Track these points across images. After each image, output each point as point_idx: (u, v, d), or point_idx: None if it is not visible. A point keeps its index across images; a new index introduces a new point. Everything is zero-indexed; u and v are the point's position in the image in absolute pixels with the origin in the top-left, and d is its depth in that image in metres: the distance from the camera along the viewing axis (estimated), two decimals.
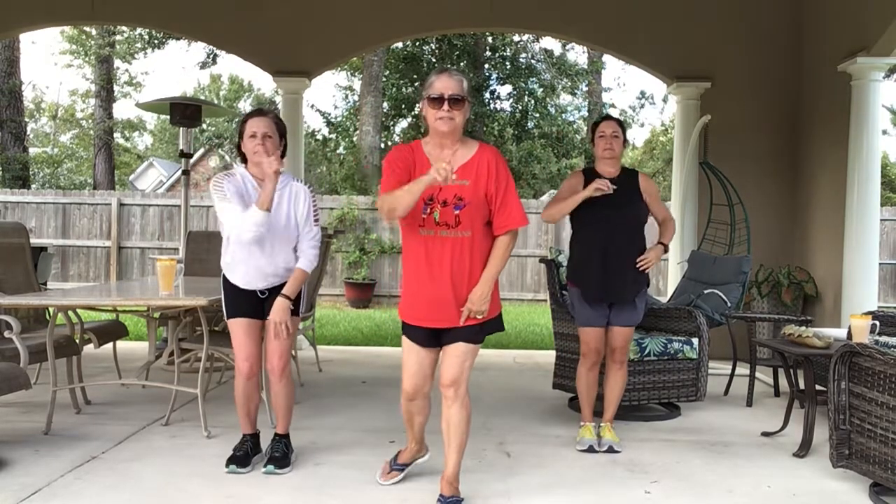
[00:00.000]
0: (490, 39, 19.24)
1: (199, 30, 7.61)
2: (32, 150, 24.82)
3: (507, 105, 20.26)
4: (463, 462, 3.18)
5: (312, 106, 19.69)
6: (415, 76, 18.62)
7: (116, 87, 24.05)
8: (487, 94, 19.63)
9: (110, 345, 5.22)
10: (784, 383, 5.20)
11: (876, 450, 3.22)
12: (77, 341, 4.56)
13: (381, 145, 16.98)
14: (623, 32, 7.22)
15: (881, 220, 8.42)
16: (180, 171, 8.10)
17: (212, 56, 20.40)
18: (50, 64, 57.18)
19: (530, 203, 13.34)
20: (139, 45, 20.99)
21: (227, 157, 25.23)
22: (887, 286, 12.67)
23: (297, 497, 3.23)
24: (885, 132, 22.70)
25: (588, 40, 7.97)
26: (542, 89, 19.75)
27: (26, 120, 20.14)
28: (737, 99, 7.09)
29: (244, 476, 3.48)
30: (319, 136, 19.05)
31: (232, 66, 43.64)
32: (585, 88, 21.24)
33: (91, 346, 4.79)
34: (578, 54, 20.79)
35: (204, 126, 25.38)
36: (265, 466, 3.50)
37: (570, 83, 20.21)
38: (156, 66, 54.65)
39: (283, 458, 3.55)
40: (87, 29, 22.30)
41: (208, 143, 27.13)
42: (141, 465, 3.59)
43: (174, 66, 55.87)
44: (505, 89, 20.93)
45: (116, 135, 25.20)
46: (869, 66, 5.93)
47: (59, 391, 4.23)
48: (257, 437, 3.70)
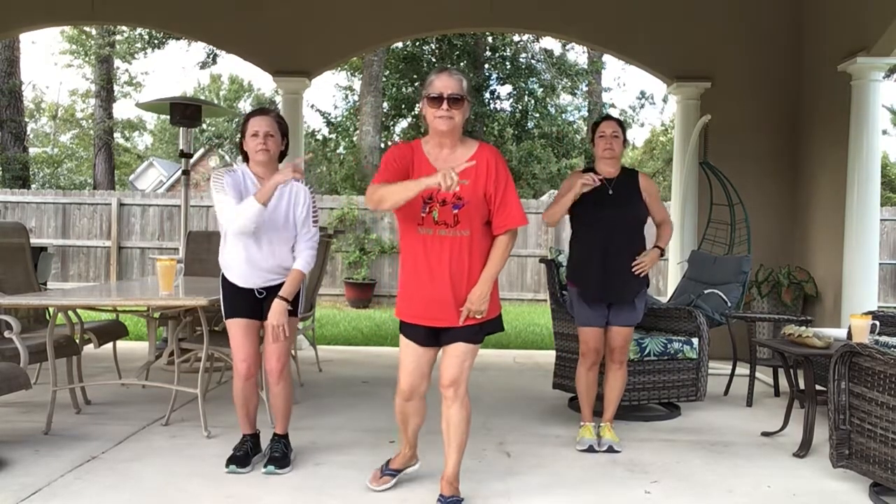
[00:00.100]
0: (490, 39, 19.25)
1: (199, 30, 7.61)
2: (32, 150, 24.83)
3: (507, 105, 20.28)
4: (463, 462, 3.18)
5: (312, 106, 19.71)
6: (415, 76, 18.62)
7: (116, 87, 24.06)
8: (487, 94, 19.64)
9: (110, 345, 5.22)
10: (784, 383, 5.20)
11: (876, 450, 3.22)
12: (77, 341, 4.55)
13: (381, 145, 16.98)
14: (623, 32, 7.22)
15: (881, 220, 8.43)
16: (180, 171, 8.11)
17: (212, 56, 20.40)
18: (50, 64, 57.26)
19: (530, 203, 13.34)
20: (139, 45, 20.99)
21: (226, 157, 25.24)
22: (887, 286, 12.67)
23: (297, 497, 3.23)
24: (885, 132, 22.70)
25: (588, 40, 7.97)
26: (542, 89, 19.76)
27: (26, 120, 20.14)
28: (737, 99, 7.09)
29: (244, 476, 3.48)
30: (319, 136, 19.05)
31: (232, 66, 43.69)
32: (585, 88, 21.25)
33: (91, 346, 4.79)
34: (578, 54, 20.80)
35: (204, 126, 25.40)
36: (265, 467, 3.50)
37: (570, 83, 20.22)
38: (156, 66, 54.69)
39: (282, 458, 3.55)
40: (87, 29, 22.30)
41: (208, 143, 27.14)
42: (141, 465, 3.59)
43: (174, 66, 55.95)
44: (505, 89, 20.96)
45: (116, 135, 25.20)
46: (869, 66, 5.93)
47: (59, 391, 4.23)
48: (257, 438, 3.70)
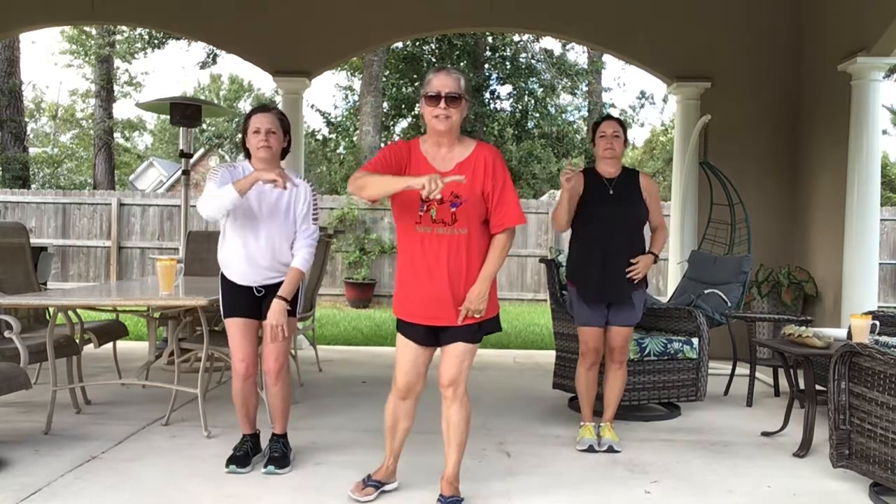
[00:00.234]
0: (490, 39, 19.24)
1: (199, 30, 7.61)
2: (32, 150, 24.83)
3: (507, 105, 20.27)
4: (463, 462, 3.18)
5: (312, 106, 19.70)
6: (415, 76, 18.62)
7: (116, 87, 24.07)
8: (487, 94, 19.63)
9: (110, 345, 5.22)
10: (784, 383, 5.20)
11: (876, 450, 3.22)
12: (77, 341, 4.55)
13: (381, 145, 16.98)
14: (623, 32, 7.22)
15: (881, 220, 8.43)
16: (180, 171, 8.11)
17: (212, 56, 20.40)
18: (50, 64, 57.29)
19: (530, 203, 13.34)
20: (139, 45, 20.99)
21: (227, 158, 25.24)
22: (887, 286, 12.67)
23: (297, 497, 3.23)
24: (885, 132, 22.71)
25: (588, 40, 7.97)
26: (542, 89, 19.75)
27: (26, 120, 20.14)
28: (737, 99, 7.09)
29: (244, 476, 3.48)
30: (319, 136, 19.06)
31: (232, 66, 43.72)
32: (585, 88, 21.24)
33: (91, 345, 4.79)
34: (578, 54, 20.80)
35: (204, 126, 25.40)
36: (265, 467, 3.50)
37: (570, 83, 20.21)
38: (156, 66, 54.72)
39: (282, 457, 3.55)
40: (87, 29, 22.31)
41: (208, 143, 27.15)
42: (141, 465, 3.59)
43: (174, 66, 55.97)
44: (505, 89, 20.96)
45: (116, 135, 25.20)
46: (869, 66, 5.93)
47: (59, 391, 4.23)
48: (257, 437, 3.70)
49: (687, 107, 7.16)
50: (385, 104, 18.41)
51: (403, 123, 19.92)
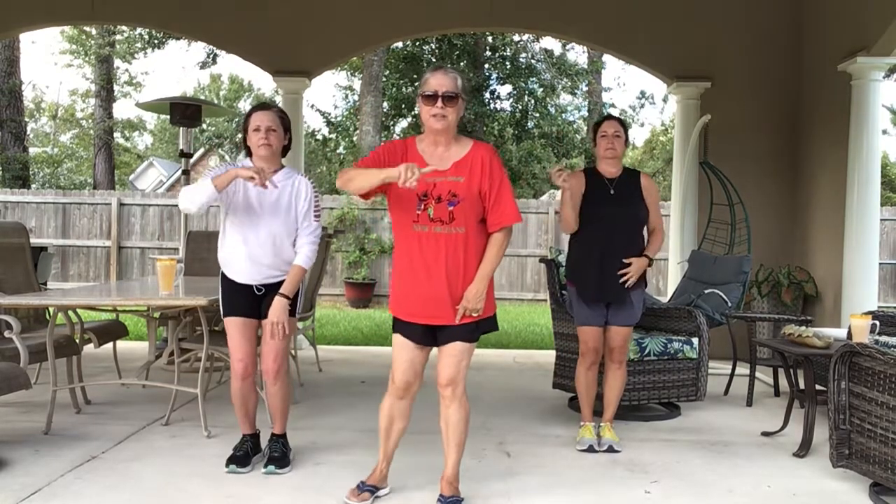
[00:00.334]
0: (490, 39, 19.25)
1: (199, 30, 7.61)
2: (32, 150, 24.83)
3: (507, 105, 20.28)
4: (463, 462, 3.18)
5: (312, 106, 19.71)
6: (415, 76, 18.62)
7: (116, 87, 24.07)
8: (487, 94, 19.64)
9: (110, 345, 5.22)
10: (784, 383, 5.20)
11: (876, 450, 3.22)
12: (77, 341, 4.56)
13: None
14: (623, 32, 7.22)
15: (881, 220, 8.43)
16: (180, 171, 8.12)
17: (212, 56, 20.40)
18: (50, 64, 57.31)
19: (530, 203, 13.35)
20: (139, 45, 20.99)
21: (227, 157, 25.24)
22: (887, 286, 12.67)
23: (297, 497, 3.23)
24: (885, 132, 22.71)
25: (588, 40, 7.97)
26: (542, 89, 19.76)
27: (26, 120, 20.14)
28: (737, 99, 7.09)
29: (244, 476, 3.48)
30: (319, 136, 19.06)
31: (232, 66, 43.73)
32: (585, 88, 21.25)
33: (91, 345, 4.79)
34: (578, 54, 20.80)
35: (204, 126, 25.40)
36: (265, 467, 3.50)
37: (570, 83, 20.21)
38: (156, 66, 54.70)
39: (282, 457, 3.55)
40: (87, 29, 22.31)
41: (208, 143, 27.16)
42: (141, 465, 3.59)
43: (174, 66, 56.00)
44: (505, 89, 20.97)
45: (116, 135, 25.21)
46: (869, 65, 5.93)
47: (59, 391, 4.23)
48: (257, 437, 3.70)
49: (687, 107, 7.16)
50: (385, 104, 18.41)
51: (403, 123, 19.93)
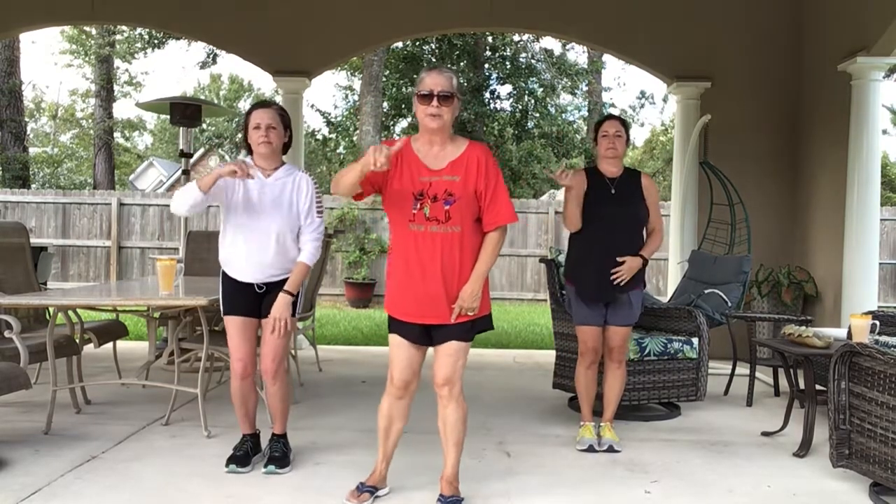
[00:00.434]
0: (490, 39, 19.25)
1: (199, 30, 7.61)
2: (32, 150, 24.84)
3: (507, 105, 20.28)
4: (463, 462, 3.18)
5: (312, 106, 19.71)
6: (415, 76, 18.58)
7: (116, 87, 24.08)
8: (487, 94, 19.64)
9: (110, 345, 5.22)
10: (784, 383, 5.20)
11: (876, 450, 3.22)
12: (77, 341, 4.55)
13: None
14: (623, 32, 7.22)
15: (881, 220, 8.43)
16: (180, 171, 8.12)
17: (212, 56, 20.40)
18: (50, 64, 57.30)
19: (530, 203, 13.35)
20: (139, 45, 20.99)
21: (227, 157, 25.24)
22: (887, 286, 12.67)
23: (297, 497, 3.23)
24: (885, 132, 22.72)
25: (588, 40, 7.96)
26: (542, 89, 19.76)
27: (26, 120, 20.13)
28: (737, 99, 7.09)
29: (244, 476, 3.48)
30: (319, 136, 19.06)
31: (232, 66, 43.72)
32: (585, 88, 21.25)
33: (91, 345, 4.79)
34: (578, 54, 20.81)
35: (204, 126, 25.41)
36: (266, 467, 3.50)
37: (570, 83, 20.22)
38: (156, 66, 54.68)
39: (282, 457, 3.55)
40: (87, 29, 22.32)
41: (208, 143, 27.15)
42: (141, 465, 3.59)
43: (174, 66, 56.00)
44: (505, 89, 20.98)
45: (116, 135, 25.21)
46: (869, 65, 5.93)
47: (59, 391, 4.23)
48: (257, 437, 3.70)
49: (687, 107, 7.16)
50: (385, 104, 18.41)
51: (403, 123, 19.93)
